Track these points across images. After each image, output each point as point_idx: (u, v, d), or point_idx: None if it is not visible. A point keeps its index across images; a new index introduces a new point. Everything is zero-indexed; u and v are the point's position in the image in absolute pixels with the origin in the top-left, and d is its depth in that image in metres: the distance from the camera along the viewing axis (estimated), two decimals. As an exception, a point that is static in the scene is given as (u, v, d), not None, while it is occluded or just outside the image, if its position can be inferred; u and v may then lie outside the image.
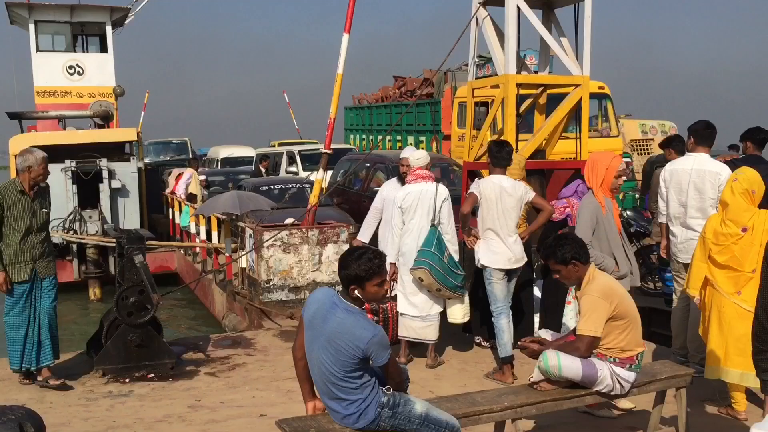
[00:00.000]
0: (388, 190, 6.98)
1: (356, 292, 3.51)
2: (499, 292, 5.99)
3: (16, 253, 5.86)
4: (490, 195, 5.91)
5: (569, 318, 5.27)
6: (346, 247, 7.19)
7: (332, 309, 3.52)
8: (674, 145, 7.66)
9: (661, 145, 8.07)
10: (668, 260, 6.52)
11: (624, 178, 5.31)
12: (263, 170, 17.82)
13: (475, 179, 6.47)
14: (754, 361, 3.11)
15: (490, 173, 6.20)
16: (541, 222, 6.11)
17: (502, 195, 5.90)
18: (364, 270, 3.48)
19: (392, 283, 6.36)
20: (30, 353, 5.95)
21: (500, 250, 5.93)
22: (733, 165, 5.91)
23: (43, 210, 6.07)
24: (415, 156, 6.43)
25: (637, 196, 13.36)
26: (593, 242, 5.04)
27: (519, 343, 4.43)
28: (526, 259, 6.15)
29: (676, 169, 6.13)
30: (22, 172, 5.91)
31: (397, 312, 6.38)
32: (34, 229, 5.97)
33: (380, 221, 7.14)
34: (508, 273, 6.03)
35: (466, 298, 6.34)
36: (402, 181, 6.65)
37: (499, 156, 6.01)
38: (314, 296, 3.69)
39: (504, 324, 5.98)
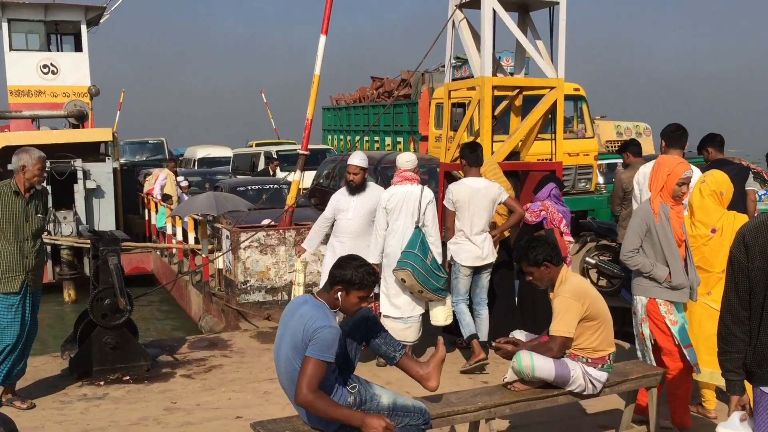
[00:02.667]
0: (339, 198, 6.78)
1: (339, 293, 3.52)
2: (462, 287, 6.31)
3: (5, 261, 5.39)
4: (462, 198, 6.20)
5: None
6: (323, 248, 7.12)
7: (302, 305, 3.56)
8: (631, 149, 8.00)
9: (618, 150, 8.28)
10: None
11: (686, 186, 4.85)
12: (272, 172, 17.75)
13: (448, 186, 6.54)
14: (719, 361, 3.17)
15: (465, 175, 6.37)
16: (510, 223, 6.39)
17: (474, 197, 6.18)
18: (358, 277, 3.50)
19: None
20: (11, 365, 5.55)
21: (469, 248, 6.21)
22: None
23: (38, 215, 5.60)
24: (404, 159, 6.45)
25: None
26: (644, 250, 4.79)
27: (493, 343, 4.47)
28: (495, 257, 6.37)
29: (649, 171, 6.20)
30: (17, 172, 5.48)
31: (379, 312, 6.40)
32: (28, 235, 5.50)
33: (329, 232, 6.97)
34: (476, 270, 6.29)
35: (449, 301, 6.37)
36: (350, 188, 6.65)
37: (472, 157, 6.32)
38: (292, 300, 3.75)
39: (463, 308, 6.32)
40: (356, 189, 6.65)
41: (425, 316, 6.39)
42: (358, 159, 6.67)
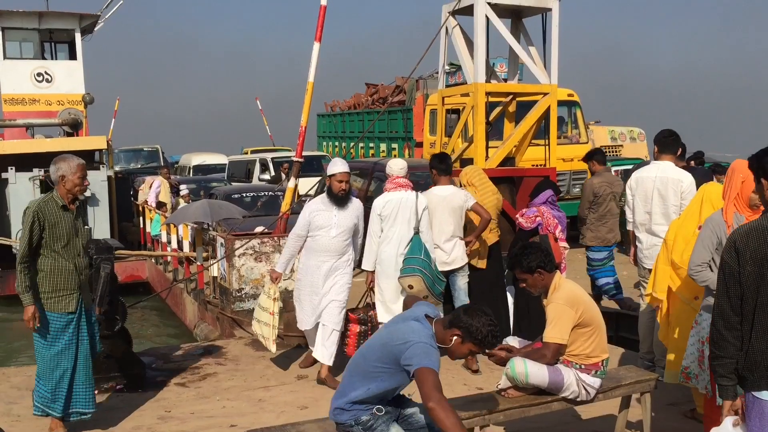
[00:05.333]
0: (315, 212, 6.13)
1: (455, 338, 3.44)
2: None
3: (59, 280, 4.98)
4: (433, 206, 6.37)
5: None
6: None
7: (416, 320, 3.50)
8: (596, 158, 8.25)
9: (584, 159, 8.43)
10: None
11: None
12: (284, 175, 17.74)
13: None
14: (711, 367, 3.18)
15: (435, 184, 6.56)
16: (480, 230, 6.47)
17: (440, 204, 6.37)
18: (482, 335, 3.42)
19: (370, 292, 6.41)
20: (84, 394, 5.14)
21: (437, 254, 6.32)
22: (693, 171, 6.08)
23: (86, 227, 5.24)
24: (397, 165, 6.46)
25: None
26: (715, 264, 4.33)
27: (487, 350, 4.47)
28: (465, 261, 6.50)
29: (641, 177, 6.24)
30: (56, 184, 5.06)
31: (379, 322, 6.38)
32: (80, 250, 5.12)
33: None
34: (449, 274, 6.44)
35: (440, 306, 6.41)
36: (333, 197, 6.08)
37: (441, 167, 6.51)
38: (411, 310, 3.69)
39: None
40: (342, 201, 6.11)
41: None
42: (343, 165, 6.17)
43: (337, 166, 6.14)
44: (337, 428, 3.67)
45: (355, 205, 6.24)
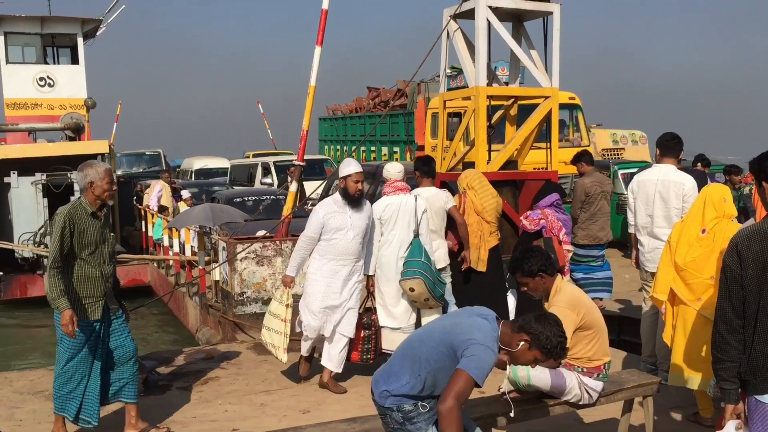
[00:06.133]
0: (329, 214, 5.91)
1: (523, 343, 3.39)
2: None
3: (85, 287, 4.94)
4: None
5: None
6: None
7: (484, 317, 3.45)
8: (584, 159, 8.43)
9: (572, 162, 8.58)
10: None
11: None
12: (290, 178, 17.72)
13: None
14: (713, 370, 3.17)
15: (418, 185, 6.63)
16: (462, 235, 6.53)
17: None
18: (552, 345, 3.37)
19: (370, 296, 6.41)
20: (92, 404, 5.07)
21: None
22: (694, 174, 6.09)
23: (112, 234, 5.21)
24: (396, 169, 6.47)
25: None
26: None
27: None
28: (447, 262, 6.57)
29: (643, 180, 6.24)
30: (84, 190, 4.97)
31: (381, 325, 6.38)
32: (106, 257, 5.06)
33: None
34: None
35: (440, 309, 6.41)
36: (348, 198, 5.92)
37: (424, 169, 6.64)
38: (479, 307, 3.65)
39: None
40: (357, 202, 5.96)
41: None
42: (357, 165, 6.02)
43: (352, 167, 5.96)
44: (378, 410, 3.59)
45: (368, 206, 6.10)
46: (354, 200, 5.91)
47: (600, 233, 8.30)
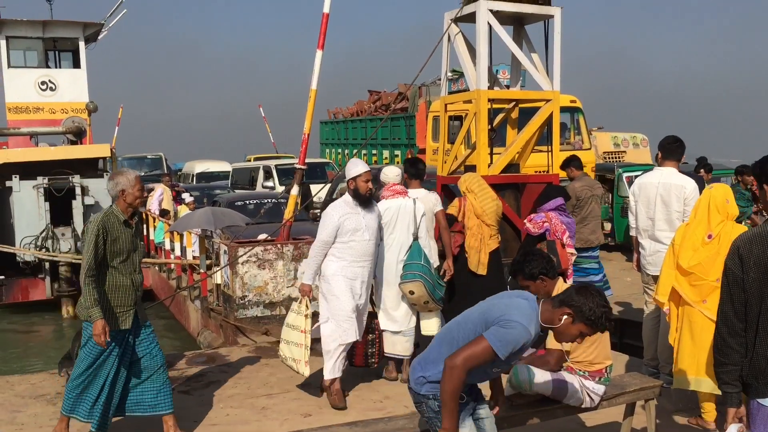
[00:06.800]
0: (344, 216, 5.74)
1: (565, 317, 3.30)
2: None
3: (117, 296, 4.91)
4: None
5: None
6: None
7: (523, 298, 3.41)
8: (573, 164, 8.54)
9: (562, 167, 8.68)
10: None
11: None
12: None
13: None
14: (715, 374, 3.16)
15: (407, 187, 6.60)
16: (445, 240, 6.50)
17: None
18: (595, 315, 3.29)
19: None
20: (102, 409, 4.98)
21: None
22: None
23: (141, 242, 5.19)
24: (394, 173, 6.47)
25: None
26: None
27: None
28: (436, 263, 6.51)
29: (644, 183, 6.24)
30: (116, 198, 4.97)
31: (383, 329, 6.37)
32: (137, 265, 5.05)
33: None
34: None
35: (440, 312, 6.42)
36: (360, 198, 5.80)
37: (412, 170, 6.72)
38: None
39: None
40: (369, 202, 5.85)
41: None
42: (365, 165, 5.91)
43: (360, 167, 5.83)
44: (413, 398, 3.57)
45: (377, 206, 6.03)
46: (366, 200, 5.81)
47: (591, 236, 8.32)
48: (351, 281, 5.76)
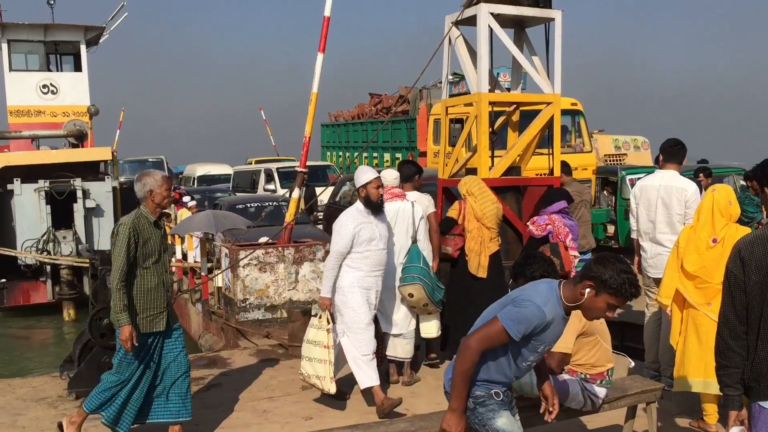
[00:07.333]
0: (359, 225, 5.61)
1: (588, 290, 3.20)
2: None
3: (149, 299, 4.87)
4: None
5: None
6: (322, 265, 6.75)
7: (545, 284, 3.38)
8: (563, 170, 8.51)
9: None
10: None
11: None
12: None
13: None
14: (717, 376, 3.15)
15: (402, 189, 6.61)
16: (434, 242, 6.52)
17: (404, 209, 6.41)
18: (617, 282, 3.16)
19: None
20: (130, 412, 4.96)
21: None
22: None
23: (171, 243, 5.27)
24: (392, 176, 6.49)
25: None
26: None
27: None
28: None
29: (645, 185, 6.24)
30: (144, 199, 4.96)
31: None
32: (167, 266, 5.05)
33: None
34: None
35: (439, 314, 6.43)
36: (372, 206, 5.70)
37: (403, 173, 6.74)
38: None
39: None
40: (380, 209, 5.75)
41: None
42: (374, 171, 5.82)
43: (370, 173, 5.73)
44: (447, 397, 3.53)
45: (384, 212, 5.94)
46: (377, 207, 5.71)
47: (582, 241, 8.29)
48: (367, 291, 5.68)
